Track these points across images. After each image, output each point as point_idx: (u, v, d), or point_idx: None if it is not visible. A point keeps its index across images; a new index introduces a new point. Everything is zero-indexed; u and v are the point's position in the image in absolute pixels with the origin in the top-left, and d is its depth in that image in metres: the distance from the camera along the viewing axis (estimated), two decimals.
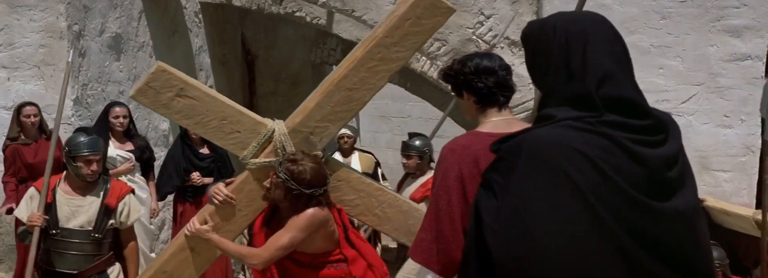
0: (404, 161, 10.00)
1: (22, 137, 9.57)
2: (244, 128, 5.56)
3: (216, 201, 5.65)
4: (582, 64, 3.26)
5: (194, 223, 5.65)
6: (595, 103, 3.23)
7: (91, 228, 7.28)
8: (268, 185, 5.61)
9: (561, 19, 3.40)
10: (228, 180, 5.81)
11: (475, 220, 3.40)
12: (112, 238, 7.45)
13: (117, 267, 7.52)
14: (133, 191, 7.64)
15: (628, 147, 3.21)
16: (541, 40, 3.38)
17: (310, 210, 5.62)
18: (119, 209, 7.37)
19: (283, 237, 5.58)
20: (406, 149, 9.99)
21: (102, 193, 7.36)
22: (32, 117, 9.49)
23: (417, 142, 9.88)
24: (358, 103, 5.55)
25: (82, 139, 7.34)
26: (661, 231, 3.21)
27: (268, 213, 5.82)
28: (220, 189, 5.66)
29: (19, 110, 9.50)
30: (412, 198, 8.67)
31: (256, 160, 5.62)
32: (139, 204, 7.62)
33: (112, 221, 7.35)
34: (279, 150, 5.57)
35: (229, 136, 5.56)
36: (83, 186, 7.34)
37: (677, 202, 3.25)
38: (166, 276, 5.67)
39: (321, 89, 5.55)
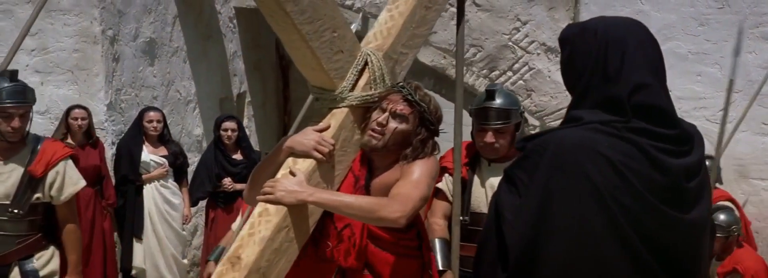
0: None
1: (69, 140, 9.51)
2: (346, 47, 4.21)
3: (318, 155, 4.06)
4: (618, 70, 3.26)
5: (294, 185, 3.94)
6: (625, 108, 3.23)
7: (8, 202, 5.78)
8: (383, 122, 4.26)
9: (602, 24, 3.40)
10: (319, 125, 4.17)
11: (495, 214, 3.40)
12: (44, 216, 5.95)
13: (50, 251, 6.01)
14: (72, 157, 6.12)
15: (651, 154, 3.22)
16: (581, 42, 3.36)
17: (434, 156, 4.40)
18: (49, 179, 5.84)
19: (418, 185, 4.16)
20: None
21: (27, 159, 5.85)
22: (80, 120, 9.38)
23: None
24: (428, 28, 4.68)
25: (4, 85, 5.80)
26: (672, 241, 3.23)
27: (359, 173, 4.45)
28: (324, 138, 4.09)
29: (68, 112, 9.44)
30: None
31: (357, 94, 4.25)
32: (78, 176, 6.08)
33: (38, 194, 5.83)
34: (378, 82, 4.29)
35: (334, 56, 4.16)
36: (4, 149, 5.85)
37: (693, 214, 3.28)
38: (260, 275, 3.89)
39: (400, 7, 4.50)
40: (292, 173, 4.03)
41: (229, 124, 10.22)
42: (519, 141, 3.48)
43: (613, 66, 3.26)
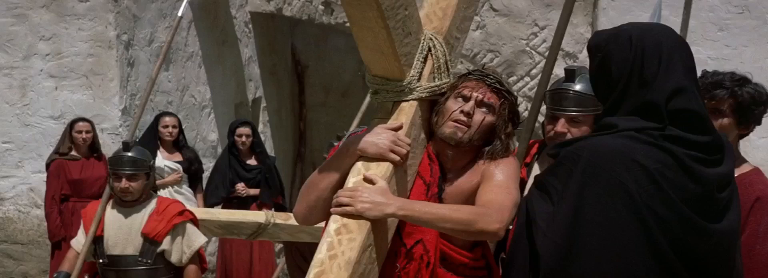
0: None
1: (73, 153, 9.45)
2: (413, 29, 3.60)
3: (396, 158, 3.52)
4: (655, 75, 3.24)
5: (377, 195, 3.37)
6: (662, 115, 3.22)
7: None
8: (470, 111, 3.64)
9: (636, 29, 3.37)
10: (391, 124, 3.62)
11: (525, 220, 3.40)
12: None
13: None
14: None
15: (686, 163, 3.21)
16: (615, 49, 3.33)
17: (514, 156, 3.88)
18: None
19: (509, 190, 3.61)
20: None
21: None
22: (84, 133, 9.38)
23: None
24: (474, 10, 4.14)
25: None
26: (703, 251, 3.23)
27: (431, 179, 3.73)
28: (400, 138, 3.55)
29: (71, 125, 9.39)
30: None
31: (426, 85, 3.68)
32: None
33: None
34: (442, 70, 3.72)
35: (405, 39, 3.55)
36: None
37: (723, 224, 3.27)
38: None
39: None
40: (368, 180, 3.45)
41: (244, 130, 10.21)
42: (553, 147, 3.46)
43: (651, 71, 3.24)
